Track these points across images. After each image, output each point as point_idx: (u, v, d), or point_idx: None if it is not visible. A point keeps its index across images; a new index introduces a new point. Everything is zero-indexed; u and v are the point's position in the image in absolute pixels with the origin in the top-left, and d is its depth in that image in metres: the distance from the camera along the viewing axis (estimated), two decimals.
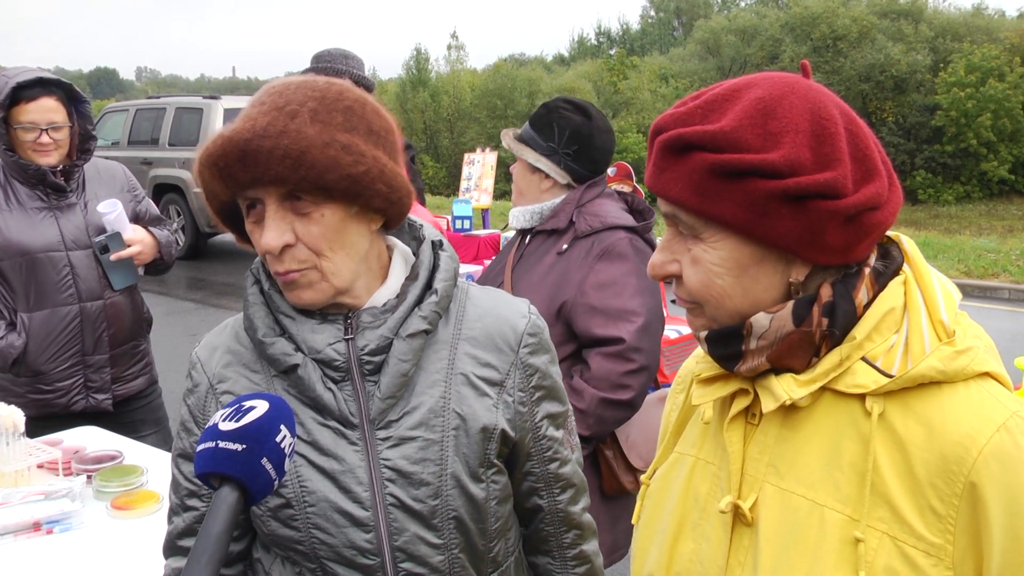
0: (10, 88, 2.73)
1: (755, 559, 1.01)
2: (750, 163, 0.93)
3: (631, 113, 28.70)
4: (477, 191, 10.70)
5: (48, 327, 2.83)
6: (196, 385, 1.37)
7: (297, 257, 1.22)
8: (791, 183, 0.92)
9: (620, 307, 2.28)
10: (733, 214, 0.95)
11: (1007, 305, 9.84)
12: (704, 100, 1.00)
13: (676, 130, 0.98)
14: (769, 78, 1.00)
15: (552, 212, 2.43)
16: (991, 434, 0.91)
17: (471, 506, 1.33)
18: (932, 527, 0.92)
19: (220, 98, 12.32)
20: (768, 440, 1.03)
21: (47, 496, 2.24)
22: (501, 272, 2.49)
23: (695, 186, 0.96)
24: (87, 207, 2.92)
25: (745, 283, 0.99)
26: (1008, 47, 26.90)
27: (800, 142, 0.94)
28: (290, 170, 1.16)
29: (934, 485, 0.92)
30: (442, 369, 1.33)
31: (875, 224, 0.97)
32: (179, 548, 1.40)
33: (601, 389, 2.25)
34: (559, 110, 2.43)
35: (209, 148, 1.20)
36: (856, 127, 0.98)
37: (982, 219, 21.91)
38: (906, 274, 1.01)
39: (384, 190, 1.24)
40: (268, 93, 1.24)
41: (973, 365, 0.95)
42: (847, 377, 0.97)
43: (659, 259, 1.05)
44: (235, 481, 1.00)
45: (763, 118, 0.95)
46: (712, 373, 1.08)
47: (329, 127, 1.20)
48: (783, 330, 0.98)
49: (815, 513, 0.97)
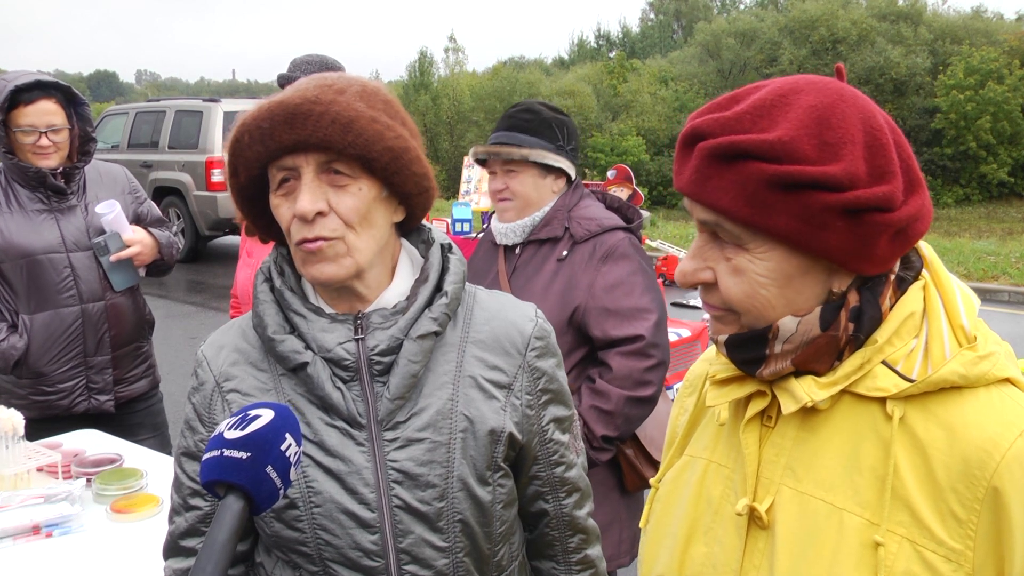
0: (9, 91, 2.73)
1: (771, 562, 1.00)
2: (810, 175, 0.91)
3: (631, 116, 28.71)
4: (477, 194, 10.71)
5: (50, 329, 2.83)
6: (202, 383, 1.37)
7: (328, 226, 1.23)
8: (851, 196, 0.91)
9: (633, 306, 2.30)
10: (787, 226, 0.93)
11: (1007, 307, 9.84)
12: (751, 105, 0.96)
13: (727, 137, 0.94)
14: (814, 83, 0.97)
15: (544, 221, 2.42)
16: (1014, 439, 0.90)
17: (477, 509, 1.32)
18: (953, 532, 0.91)
19: (220, 101, 12.33)
20: (785, 442, 1.03)
21: (47, 499, 2.23)
22: (495, 285, 2.46)
23: (748, 196, 0.93)
24: (88, 209, 2.92)
25: (789, 294, 0.98)
26: (1007, 50, 26.93)
27: (856, 154, 0.92)
28: (339, 135, 1.19)
29: (955, 490, 0.91)
30: (450, 371, 1.32)
31: (918, 234, 0.97)
32: (181, 548, 1.39)
33: (626, 388, 2.28)
34: (545, 112, 2.43)
35: (253, 112, 1.23)
36: (899, 137, 0.97)
37: (982, 221, 21.92)
38: (925, 279, 1.01)
39: (419, 172, 1.28)
40: (312, 78, 1.28)
41: (995, 371, 0.94)
42: (868, 380, 0.97)
43: (691, 267, 1.02)
44: (240, 489, 1.01)
45: (819, 128, 0.93)
46: (728, 375, 1.07)
47: (374, 108, 1.25)
48: (809, 334, 0.98)
49: (834, 516, 0.97)
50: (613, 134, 27.08)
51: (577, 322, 2.33)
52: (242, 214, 1.35)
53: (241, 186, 1.30)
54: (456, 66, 35.39)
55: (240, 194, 1.31)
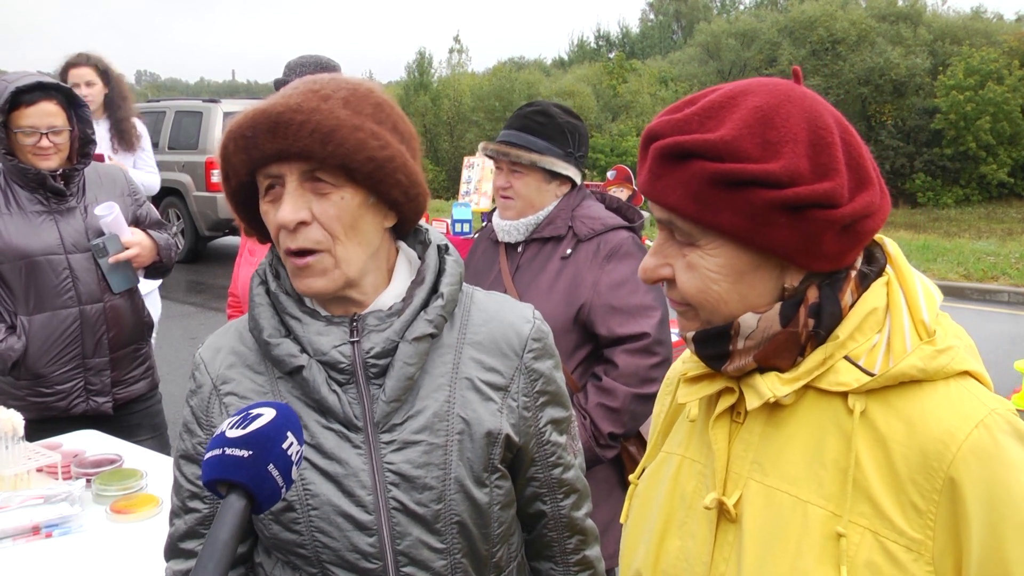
0: (10, 92, 2.73)
1: (739, 555, 1.02)
2: (751, 173, 0.94)
3: (630, 116, 28.70)
4: (476, 194, 10.69)
5: (48, 330, 2.83)
6: (199, 386, 1.37)
7: (311, 237, 1.23)
8: (791, 193, 0.94)
9: (638, 303, 2.33)
10: (732, 223, 0.96)
11: (1007, 308, 9.84)
12: (700, 107, 1.00)
13: (674, 137, 0.98)
14: (764, 85, 1.00)
15: (547, 220, 2.44)
16: (970, 430, 0.93)
17: (474, 511, 1.33)
18: (913, 522, 0.93)
19: (220, 101, 12.33)
20: (752, 438, 1.05)
21: (46, 500, 2.24)
22: (498, 284, 2.48)
23: (693, 194, 0.97)
24: (87, 211, 2.93)
25: (741, 289, 1.01)
26: (1007, 50, 26.91)
27: (799, 152, 0.95)
28: (318, 145, 1.18)
29: (914, 481, 0.94)
30: (447, 373, 1.33)
31: (869, 231, 0.99)
32: (181, 550, 1.40)
33: (632, 385, 2.30)
34: (559, 116, 2.44)
35: (239, 119, 1.23)
36: (849, 135, 1.00)
37: (981, 222, 21.91)
38: (889, 275, 1.03)
39: (404, 181, 1.26)
40: (301, 82, 1.27)
41: (953, 364, 0.97)
42: (830, 375, 0.99)
43: (651, 263, 1.06)
44: (242, 488, 1.01)
45: (761, 127, 0.96)
46: (698, 372, 1.09)
47: (360, 114, 1.23)
48: (770, 330, 1.00)
49: (798, 509, 0.99)
50: (613, 135, 27.06)
51: (582, 320, 2.34)
52: (237, 217, 1.35)
53: (233, 191, 1.30)
54: (459, 67, 35.40)
55: (233, 198, 1.32)
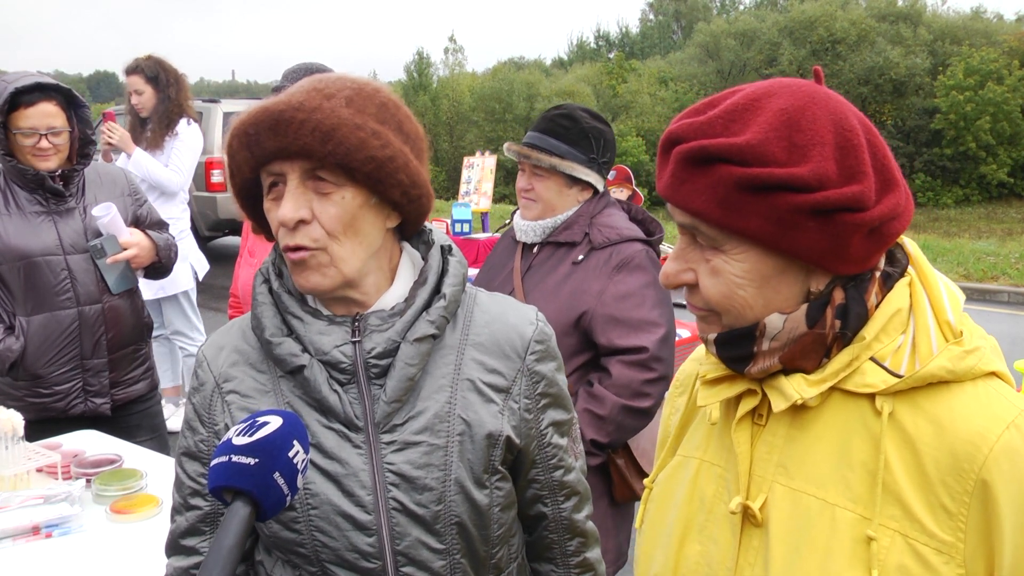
0: (9, 93, 2.73)
1: (766, 559, 1.01)
2: (779, 178, 0.92)
3: (630, 116, 28.74)
4: (476, 194, 10.69)
5: (46, 331, 2.83)
6: (202, 384, 1.37)
7: (310, 235, 1.23)
8: (819, 197, 0.92)
9: (641, 318, 2.30)
10: (759, 228, 0.95)
11: (1006, 308, 9.84)
12: (723, 109, 0.98)
13: (699, 141, 0.96)
14: (787, 86, 0.99)
15: (565, 224, 2.43)
16: (1001, 431, 0.92)
17: (474, 512, 1.32)
18: (943, 525, 0.92)
19: (220, 101, 12.30)
20: (776, 440, 1.04)
21: (46, 500, 2.24)
22: (509, 281, 2.48)
23: (720, 199, 0.95)
24: (86, 211, 2.92)
25: (767, 293, 0.99)
26: (1007, 50, 26.94)
27: (826, 155, 0.93)
28: (319, 143, 1.19)
29: (945, 483, 0.93)
30: (448, 374, 1.32)
31: (895, 233, 0.98)
32: (182, 547, 1.40)
33: (622, 396, 2.27)
34: (585, 120, 2.42)
35: (244, 117, 1.23)
36: (874, 137, 0.98)
37: (981, 222, 21.93)
38: (911, 276, 1.02)
39: (406, 182, 1.26)
40: (306, 80, 1.27)
41: (981, 365, 0.96)
42: (857, 377, 0.98)
43: (673, 268, 1.04)
44: (247, 495, 1.01)
45: (788, 130, 0.94)
46: (718, 374, 1.08)
47: (362, 114, 1.23)
48: (796, 331, 0.99)
49: (826, 512, 0.98)
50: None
51: (583, 326, 2.33)
52: (244, 214, 1.36)
53: (239, 188, 1.31)
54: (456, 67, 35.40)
55: (239, 195, 1.32)
